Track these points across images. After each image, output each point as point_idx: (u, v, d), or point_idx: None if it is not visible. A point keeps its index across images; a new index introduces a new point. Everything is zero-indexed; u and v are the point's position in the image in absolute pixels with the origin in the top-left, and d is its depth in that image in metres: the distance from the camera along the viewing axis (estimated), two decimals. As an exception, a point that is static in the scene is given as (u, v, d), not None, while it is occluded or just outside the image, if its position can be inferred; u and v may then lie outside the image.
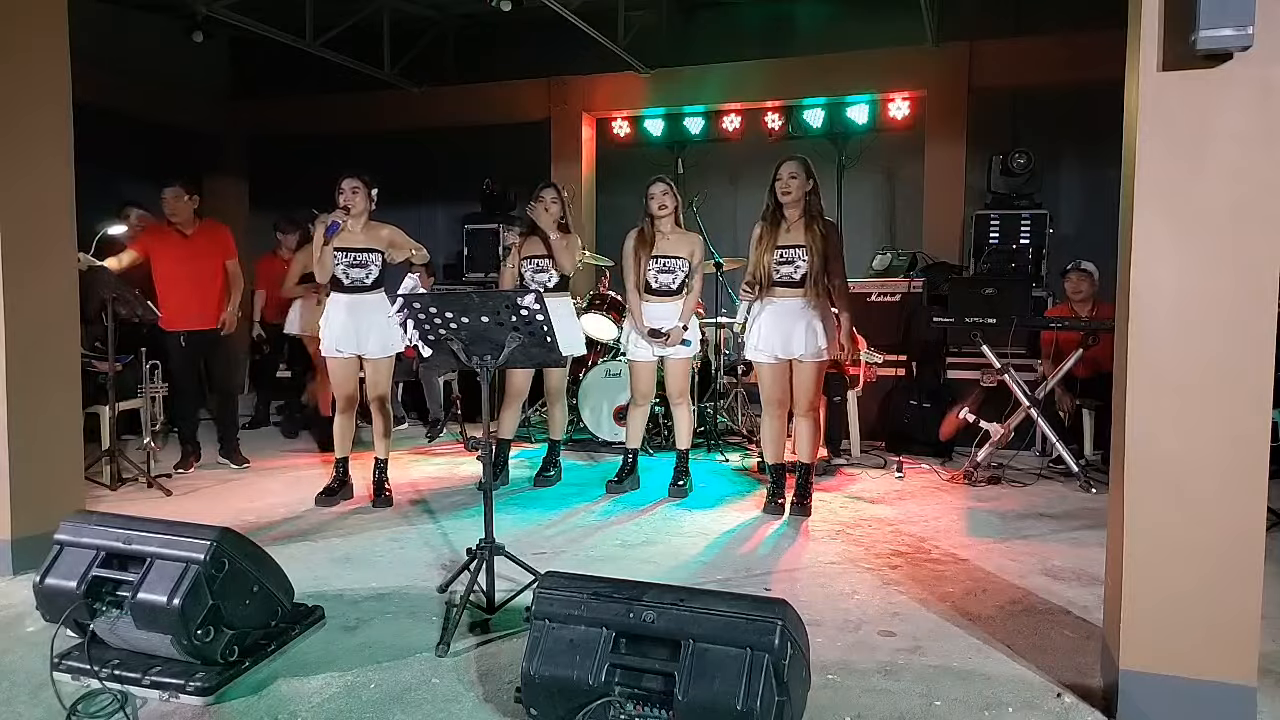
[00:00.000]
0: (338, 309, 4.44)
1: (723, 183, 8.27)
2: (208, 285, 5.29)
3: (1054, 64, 7.15)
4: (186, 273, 5.19)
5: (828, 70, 7.84)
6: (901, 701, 2.41)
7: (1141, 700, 2.27)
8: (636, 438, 4.97)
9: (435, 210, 9.28)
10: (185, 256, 5.21)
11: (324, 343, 4.47)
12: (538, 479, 5.01)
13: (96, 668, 2.40)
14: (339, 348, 4.43)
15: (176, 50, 8.34)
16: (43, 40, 3.55)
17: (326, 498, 4.52)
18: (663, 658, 2.10)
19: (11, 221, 3.43)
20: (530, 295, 2.85)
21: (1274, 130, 2.12)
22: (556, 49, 8.27)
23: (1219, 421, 2.19)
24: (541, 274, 4.84)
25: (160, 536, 2.49)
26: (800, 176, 4.14)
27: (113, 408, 5.00)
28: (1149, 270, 2.25)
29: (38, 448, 3.55)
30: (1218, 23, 2.00)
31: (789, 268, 4.17)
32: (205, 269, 5.28)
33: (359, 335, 4.40)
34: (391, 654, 2.71)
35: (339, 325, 4.42)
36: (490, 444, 3.14)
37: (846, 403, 5.68)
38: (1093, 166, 7.49)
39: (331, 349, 4.45)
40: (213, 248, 5.33)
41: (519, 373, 4.86)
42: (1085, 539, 3.94)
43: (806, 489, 4.38)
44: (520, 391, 4.93)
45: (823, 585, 3.35)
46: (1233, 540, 2.19)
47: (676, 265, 4.65)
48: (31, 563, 3.08)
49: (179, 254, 5.21)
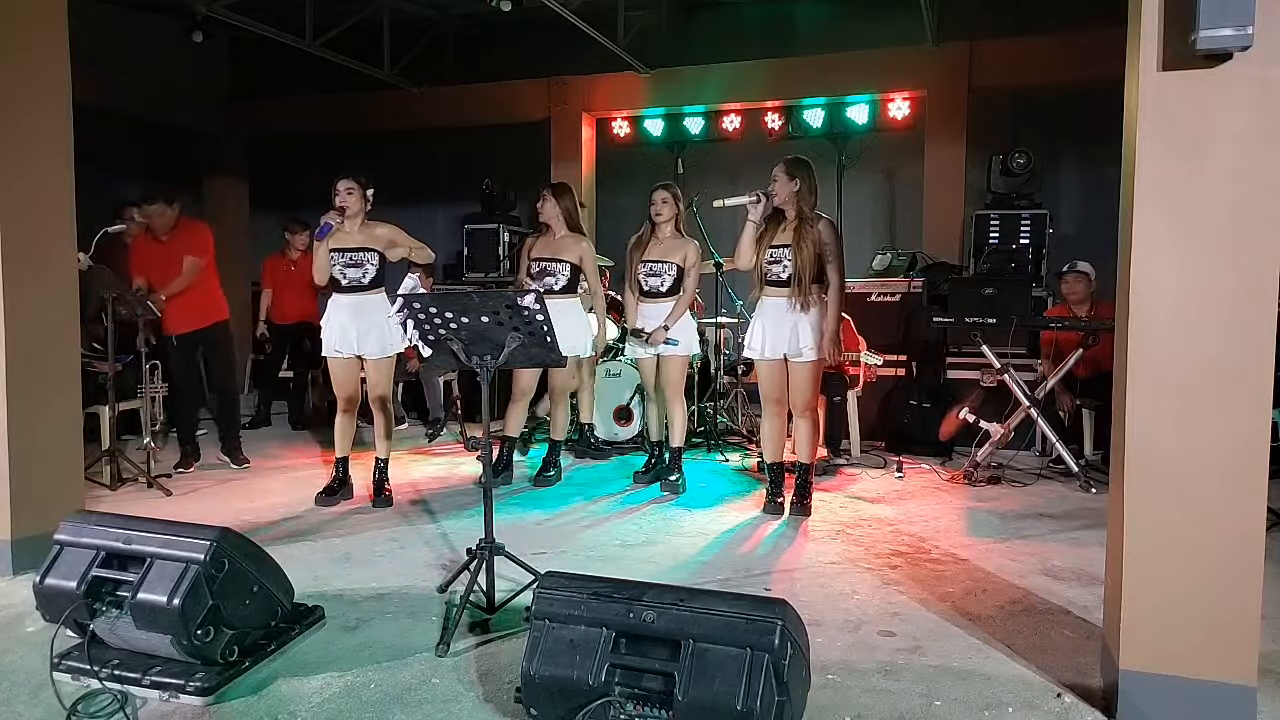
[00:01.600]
0: (337, 309, 4.45)
1: (723, 183, 8.24)
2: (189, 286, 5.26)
3: (1054, 64, 7.15)
4: (169, 277, 5.18)
5: (828, 70, 7.84)
6: (901, 701, 2.41)
7: (1141, 700, 2.27)
8: (657, 430, 5.13)
9: (435, 210, 9.28)
10: (164, 262, 5.21)
11: (324, 343, 4.48)
12: (538, 479, 5.02)
13: (96, 668, 2.40)
14: (338, 348, 4.43)
15: (176, 50, 8.33)
16: (43, 40, 3.55)
17: (326, 497, 4.52)
18: (663, 658, 2.10)
19: (12, 222, 3.43)
20: (530, 295, 2.85)
21: (1274, 130, 2.12)
22: (556, 49, 8.27)
23: (1219, 421, 2.19)
24: (548, 276, 4.86)
25: (160, 536, 2.49)
26: (782, 179, 4.15)
27: (113, 408, 5.00)
28: (1149, 270, 2.25)
29: (38, 448, 3.55)
30: (1218, 23, 2.00)
31: (778, 267, 4.19)
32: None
33: (358, 335, 4.40)
34: (391, 654, 2.71)
35: (338, 326, 4.42)
36: (490, 444, 3.14)
37: (846, 403, 5.68)
38: (1093, 166, 7.49)
39: (331, 349, 4.45)
40: (185, 248, 5.25)
41: (525, 371, 4.86)
42: (1085, 539, 3.94)
43: (806, 489, 4.38)
44: (527, 390, 4.95)
45: (823, 585, 3.35)
46: (1233, 540, 2.19)
47: (664, 270, 4.75)
48: (31, 563, 3.08)
49: (159, 260, 5.23)
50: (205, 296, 5.34)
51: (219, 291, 5.44)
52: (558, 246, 4.87)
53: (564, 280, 4.86)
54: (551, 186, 4.99)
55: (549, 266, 4.86)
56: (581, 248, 4.89)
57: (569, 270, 4.85)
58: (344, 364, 4.48)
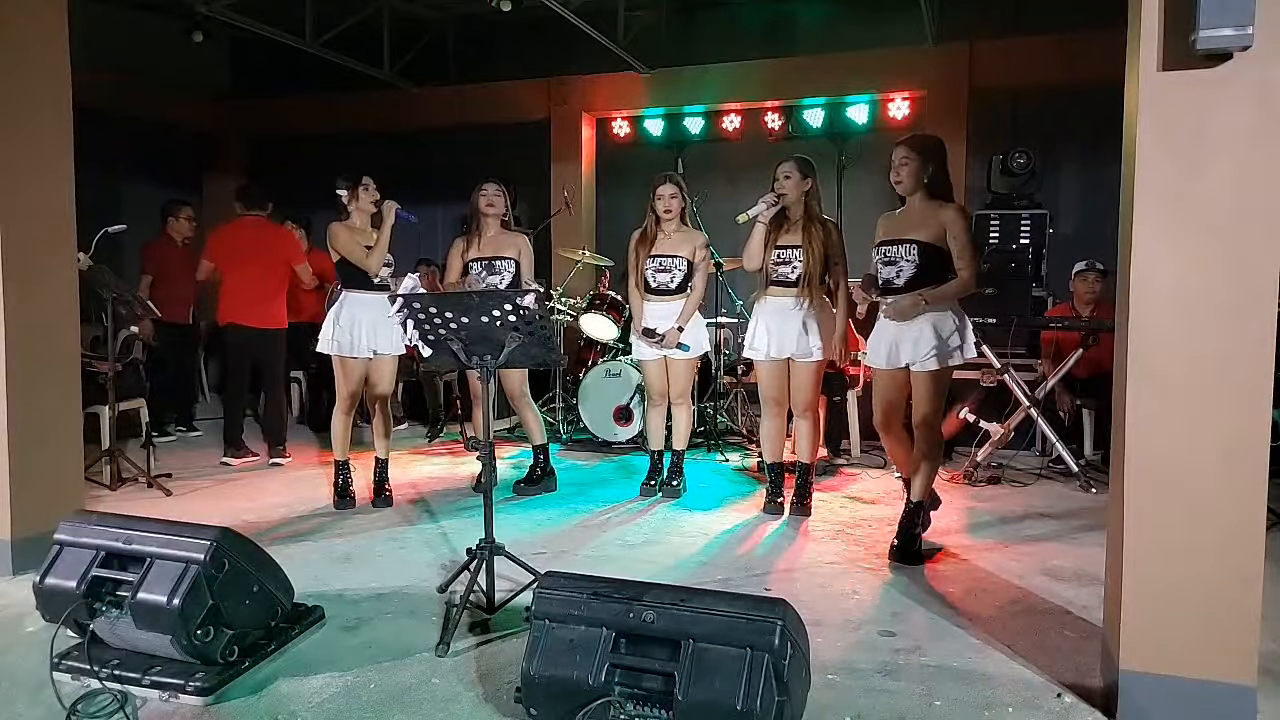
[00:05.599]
0: (367, 308, 4.40)
1: (723, 183, 8.26)
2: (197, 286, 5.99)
3: (1054, 64, 7.15)
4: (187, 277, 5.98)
5: (828, 70, 7.84)
6: (901, 701, 2.41)
7: (1141, 700, 2.27)
8: (657, 439, 4.84)
9: (435, 210, 9.27)
10: (185, 265, 5.89)
11: (350, 342, 4.39)
12: (523, 487, 4.80)
13: (96, 668, 2.40)
14: (368, 347, 4.39)
15: (176, 50, 8.34)
16: (43, 40, 3.54)
17: (341, 499, 4.49)
18: (663, 658, 2.10)
19: (12, 222, 3.43)
20: (530, 295, 2.85)
21: (1274, 130, 2.12)
22: (556, 49, 8.27)
23: (1219, 421, 2.19)
24: (493, 275, 4.60)
25: (160, 536, 2.49)
26: (795, 176, 4.14)
27: (113, 408, 5.00)
28: (1149, 270, 2.25)
29: (38, 448, 3.55)
30: (1217, 23, 2.00)
31: (785, 268, 4.17)
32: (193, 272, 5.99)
33: (384, 332, 4.38)
34: (391, 654, 2.71)
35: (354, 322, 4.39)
36: (491, 444, 3.14)
37: (846, 403, 5.68)
38: (1093, 166, 7.49)
39: (350, 348, 4.39)
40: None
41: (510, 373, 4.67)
42: (1085, 539, 3.94)
43: (806, 489, 4.38)
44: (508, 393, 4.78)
45: (823, 585, 3.35)
46: (1233, 540, 2.19)
47: (675, 264, 4.59)
48: (31, 563, 3.07)
49: (182, 262, 6.01)
50: (215, 294, 5.83)
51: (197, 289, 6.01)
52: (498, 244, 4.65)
53: (510, 280, 4.61)
54: (494, 183, 4.71)
55: (495, 265, 4.61)
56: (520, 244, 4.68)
57: (513, 268, 4.63)
58: (357, 364, 4.45)
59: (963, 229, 3.52)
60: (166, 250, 6.35)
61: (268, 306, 5.61)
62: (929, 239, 3.56)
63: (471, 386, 5.06)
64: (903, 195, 3.70)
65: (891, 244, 3.66)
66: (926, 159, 3.61)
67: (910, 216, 3.66)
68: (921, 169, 3.60)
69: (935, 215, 3.57)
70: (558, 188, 8.32)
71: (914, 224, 3.62)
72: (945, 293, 3.53)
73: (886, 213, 3.86)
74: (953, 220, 3.52)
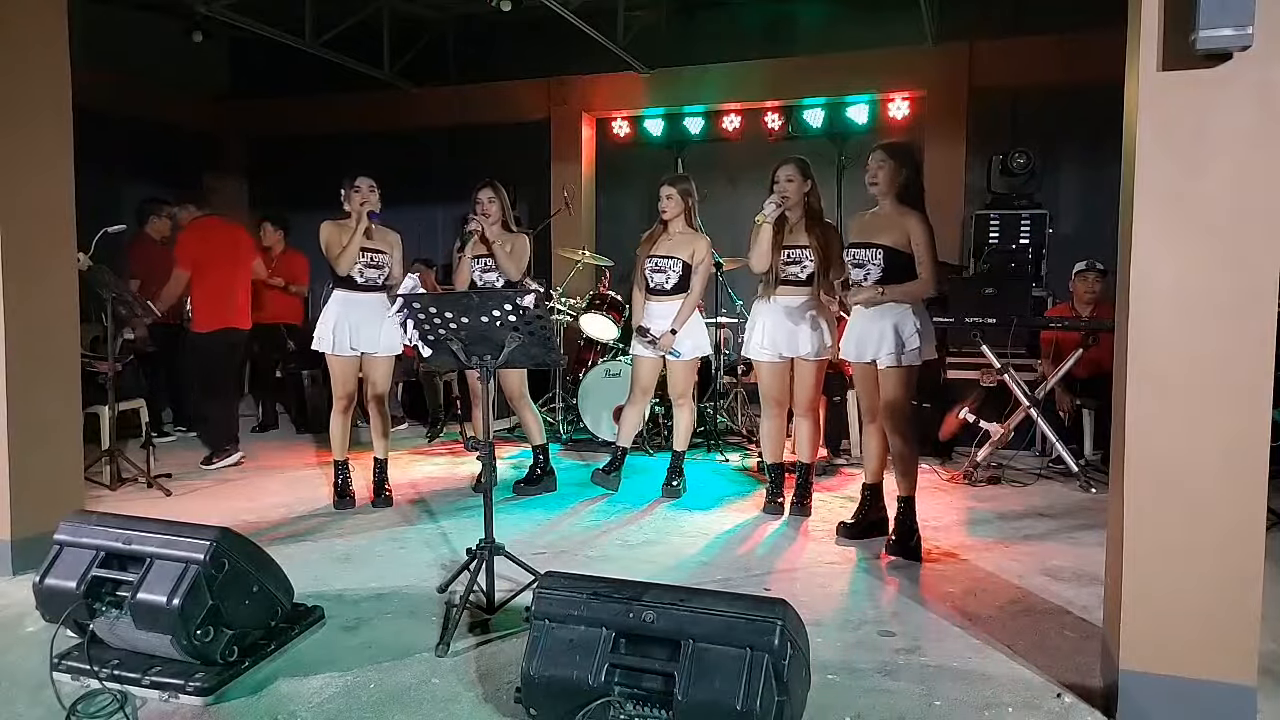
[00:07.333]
0: (354, 307, 4.40)
1: (723, 183, 8.26)
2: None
3: (1053, 64, 7.15)
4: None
5: (828, 70, 7.84)
6: (901, 701, 2.41)
7: (1141, 700, 2.27)
8: (627, 437, 4.85)
9: (435, 210, 9.27)
10: (169, 264, 5.70)
11: (334, 340, 4.39)
12: (523, 487, 4.80)
13: (96, 668, 2.40)
14: (352, 346, 4.40)
15: (176, 50, 8.34)
16: (42, 39, 3.54)
17: (340, 499, 4.49)
18: (662, 658, 2.10)
19: (12, 222, 3.43)
20: (530, 295, 2.85)
21: (1274, 130, 2.12)
22: (556, 49, 8.26)
23: (1219, 421, 2.19)
24: (489, 273, 4.59)
25: (160, 536, 2.50)
26: (797, 179, 4.14)
27: (113, 408, 5.00)
28: (1149, 270, 2.25)
29: (38, 448, 3.55)
30: (1217, 23, 2.00)
31: (795, 267, 4.17)
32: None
33: (368, 332, 4.38)
34: (391, 654, 2.71)
35: (338, 320, 4.38)
36: (491, 444, 3.14)
37: (846, 403, 5.68)
38: (1093, 166, 7.48)
39: (336, 346, 4.40)
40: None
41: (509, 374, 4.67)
42: (1085, 539, 3.93)
43: (806, 489, 4.38)
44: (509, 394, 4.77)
45: (823, 585, 3.35)
46: (1233, 540, 2.19)
47: (669, 265, 4.63)
48: (31, 563, 3.08)
49: (166, 261, 5.78)
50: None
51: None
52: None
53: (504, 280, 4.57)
54: (490, 187, 4.66)
55: (490, 263, 4.59)
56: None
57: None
58: (348, 362, 4.45)
59: (924, 236, 3.63)
60: (149, 250, 6.34)
61: (248, 305, 5.78)
62: (894, 244, 3.66)
63: (471, 386, 5.09)
64: (875, 197, 3.79)
65: (860, 247, 3.76)
66: (901, 164, 3.71)
67: (879, 220, 3.76)
68: (896, 174, 3.69)
69: (901, 222, 3.67)
70: (558, 188, 8.32)
71: (881, 228, 3.72)
72: (905, 290, 3.65)
73: (859, 213, 3.94)
74: (915, 227, 3.64)
